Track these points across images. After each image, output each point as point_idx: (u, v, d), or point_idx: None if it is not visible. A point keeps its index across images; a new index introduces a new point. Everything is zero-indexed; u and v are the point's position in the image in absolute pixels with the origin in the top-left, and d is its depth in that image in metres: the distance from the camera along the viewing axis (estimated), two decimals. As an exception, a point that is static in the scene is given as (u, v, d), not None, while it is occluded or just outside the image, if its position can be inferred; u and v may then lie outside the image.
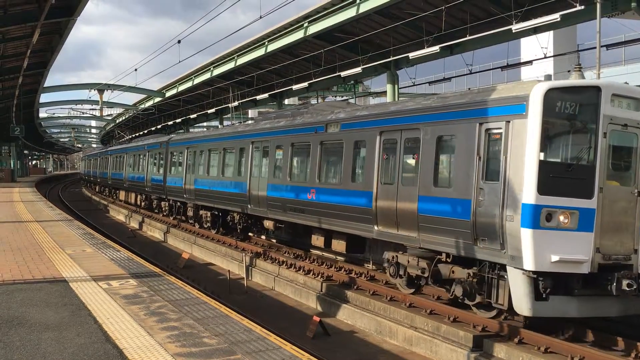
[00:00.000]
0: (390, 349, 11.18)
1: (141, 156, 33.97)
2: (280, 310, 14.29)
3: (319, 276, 15.34)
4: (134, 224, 32.46)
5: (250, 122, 28.22)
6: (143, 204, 34.36)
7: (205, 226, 23.88)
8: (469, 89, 13.81)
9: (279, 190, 16.89)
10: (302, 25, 25.85)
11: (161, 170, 29.04)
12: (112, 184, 44.13)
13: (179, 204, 27.47)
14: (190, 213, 25.39)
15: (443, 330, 10.78)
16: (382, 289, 13.33)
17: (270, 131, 17.81)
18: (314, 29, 25.12)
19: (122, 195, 40.20)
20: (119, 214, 37.79)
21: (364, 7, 21.88)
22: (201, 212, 24.06)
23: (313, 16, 25.11)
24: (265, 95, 35.36)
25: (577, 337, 9.75)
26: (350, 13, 22.66)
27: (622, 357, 8.92)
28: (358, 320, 12.63)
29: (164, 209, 30.05)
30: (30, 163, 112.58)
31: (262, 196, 17.73)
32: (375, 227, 12.65)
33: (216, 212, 22.70)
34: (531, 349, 9.46)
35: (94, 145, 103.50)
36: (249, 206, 18.67)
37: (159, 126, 60.16)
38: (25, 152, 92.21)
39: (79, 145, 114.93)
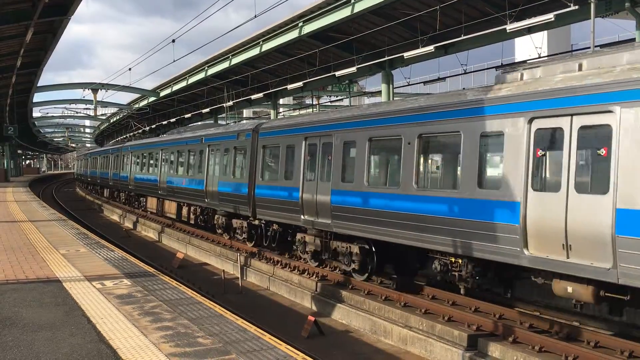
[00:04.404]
0: (385, 349, 11.19)
1: (194, 153, 23.94)
2: (275, 310, 14.28)
3: (314, 276, 15.33)
4: (128, 224, 32.38)
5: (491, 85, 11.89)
6: (195, 218, 24.09)
7: (354, 268, 13.79)
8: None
9: None
10: (297, 24, 25.84)
11: (240, 174, 19.04)
12: (135, 189, 34.22)
13: (276, 226, 17.32)
14: (308, 246, 15.47)
15: (438, 330, 10.80)
16: (377, 289, 13.33)
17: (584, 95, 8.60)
18: (309, 28, 25.11)
19: (152, 203, 30.28)
20: (113, 214, 37.69)
21: (359, 7, 21.88)
22: (349, 246, 13.78)
23: (308, 16, 25.10)
24: (260, 94, 35.35)
25: (571, 337, 9.77)
26: (345, 13, 22.66)
27: (616, 357, 8.93)
28: (353, 319, 12.63)
29: (240, 230, 19.69)
30: (23, 163, 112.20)
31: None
32: None
33: (365, 246, 13.40)
34: (525, 348, 9.48)
35: (88, 145, 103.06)
36: (527, 252, 9.25)
37: (153, 126, 60.05)
38: (19, 151, 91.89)
39: (73, 145, 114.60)
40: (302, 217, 15.11)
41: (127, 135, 63.95)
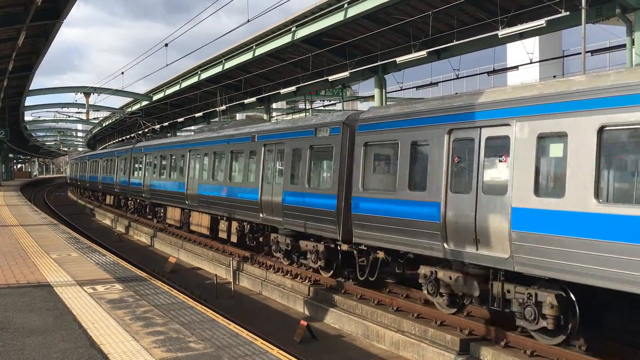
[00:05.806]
0: (378, 353, 11.19)
1: (240, 154, 18.96)
2: (268, 315, 14.25)
3: (307, 280, 15.32)
4: (121, 228, 32.25)
5: None
6: (241, 236, 19.06)
7: (544, 326, 9.33)
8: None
9: None
10: (290, 29, 25.87)
11: (321, 181, 15.06)
12: (150, 198, 28.66)
13: (381, 254, 12.65)
14: (444, 287, 11.15)
15: (430, 334, 10.81)
16: (370, 293, 13.33)
17: None
18: (302, 33, 25.16)
19: (174, 215, 25.19)
20: (105, 218, 37.53)
21: (352, 12, 21.95)
22: (534, 293, 9.36)
23: (301, 20, 25.14)
24: (253, 99, 35.36)
25: (563, 341, 9.78)
26: (338, 17, 22.72)
27: (607, 360, 8.96)
28: (345, 324, 12.63)
29: (314, 256, 14.92)
30: (15, 167, 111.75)
31: None
32: None
33: (561, 294, 9.13)
34: (517, 353, 9.51)
35: (80, 149, 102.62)
36: None
37: (146, 130, 59.88)
38: (10, 155, 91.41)
39: (65, 149, 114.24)
40: (444, 245, 10.53)
41: (134, 135, 62.72)
